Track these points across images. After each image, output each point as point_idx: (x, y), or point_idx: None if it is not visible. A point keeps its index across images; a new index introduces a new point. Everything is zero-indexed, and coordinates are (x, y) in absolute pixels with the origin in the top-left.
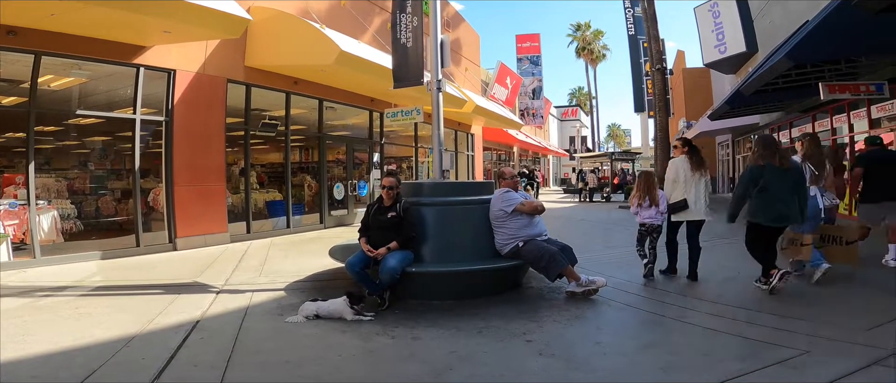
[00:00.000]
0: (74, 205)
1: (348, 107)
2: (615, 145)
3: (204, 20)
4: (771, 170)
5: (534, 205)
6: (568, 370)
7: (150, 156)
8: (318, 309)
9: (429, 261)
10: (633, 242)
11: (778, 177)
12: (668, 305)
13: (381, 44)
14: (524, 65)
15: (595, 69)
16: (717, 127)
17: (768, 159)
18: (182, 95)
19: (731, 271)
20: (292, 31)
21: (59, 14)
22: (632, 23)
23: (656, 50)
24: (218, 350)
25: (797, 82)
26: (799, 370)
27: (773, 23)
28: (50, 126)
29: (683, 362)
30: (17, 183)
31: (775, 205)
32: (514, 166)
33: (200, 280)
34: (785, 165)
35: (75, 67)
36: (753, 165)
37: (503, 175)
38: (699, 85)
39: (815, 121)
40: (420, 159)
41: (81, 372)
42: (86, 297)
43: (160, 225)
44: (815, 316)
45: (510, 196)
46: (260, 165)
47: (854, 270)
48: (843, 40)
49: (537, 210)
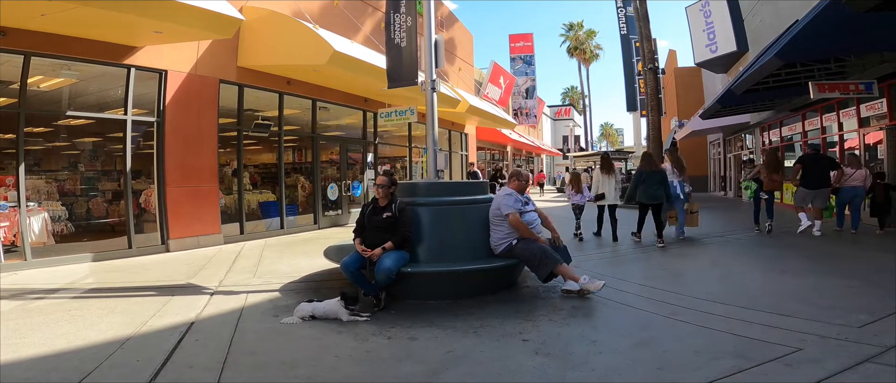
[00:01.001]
0: (65, 207)
1: (342, 107)
2: (608, 144)
3: (196, 20)
4: (647, 173)
5: (523, 229)
6: (564, 369)
7: (142, 157)
8: (314, 309)
9: (424, 261)
10: (629, 242)
11: (650, 176)
12: (663, 304)
13: (375, 44)
14: (517, 64)
15: (588, 68)
16: (708, 126)
17: (645, 167)
18: (174, 96)
19: (723, 269)
20: (285, 31)
21: (50, 14)
22: (624, 22)
23: (648, 49)
24: (213, 351)
25: (787, 81)
26: (793, 367)
27: (763, 22)
28: (40, 127)
29: (678, 360)
30: (7, 184)
31: (649, 191)
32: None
33: (194, 281)
34: (655, 169)
35: (65, 68)
36: (638, 170)
37: (519, 175)
38: (691, 84)
39: (805, 119)
40: (414, 159)
41: (76, 375)
42: (78, 300)
43: (152, 226)
44: (807, 313)
45: (508, 201)
46: (253, 166)
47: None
48: (833, 39)
49: (528, 235)
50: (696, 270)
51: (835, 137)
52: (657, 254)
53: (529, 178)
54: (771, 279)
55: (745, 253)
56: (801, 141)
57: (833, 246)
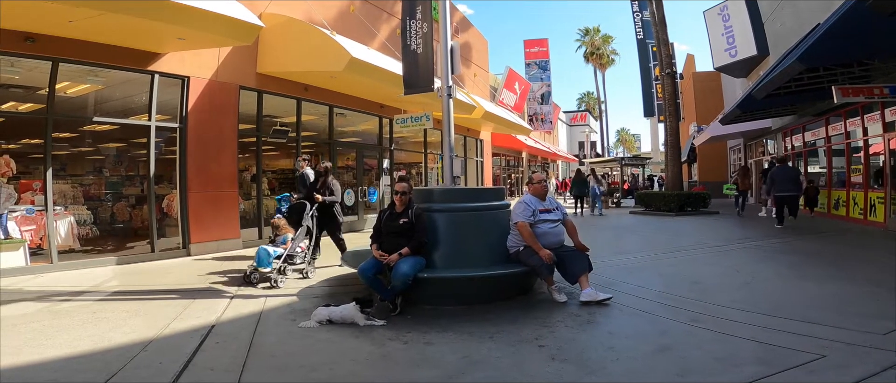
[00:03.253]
0: (90, 211)
1: (358, 113)
2: (625, 150)
3: (217, 27)
4: (578, 179)
5: (527, 239)
6: (581, 374)
7: (164, 162)
8: (331, 314)
9: (440, 267)
10: (646, 247)
11: (579, 181)
12: (682, 310)
13: (391, 50)
14: (532, 70)
15: (604, 74)
16: (728, 131)
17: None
18: (196, 102)
19: (746, 276)
20: (303, 38)
21: (77, 21)
22: (640, 27)
23: (665, 54)
24: (233, 354)
25: (810, 86)
26: (817, 374)
27: (784, 26)
28: (66, 132)
29: (698, 367)
30: (33, 189)
31: (574, 188)
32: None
33: (214, 285)
34: (582, 177)
35: (92, 74)
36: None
37: (531, 180)
38: (710, 89)
39: (829, 124)
40: (429, 165)
41: (101, 376)
42: (103, 302)
43: (174, 230)
44: (831, 320)
45: (518, 208)
46: (271, 172)
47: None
48: (856, 43)
49: (531, 245)
50: (717, 275)
51: (859, 142)
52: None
53: (544, 181)
54: (793, 285)
55: (768, 259)
56: (825, 146)
57: (856, 251)
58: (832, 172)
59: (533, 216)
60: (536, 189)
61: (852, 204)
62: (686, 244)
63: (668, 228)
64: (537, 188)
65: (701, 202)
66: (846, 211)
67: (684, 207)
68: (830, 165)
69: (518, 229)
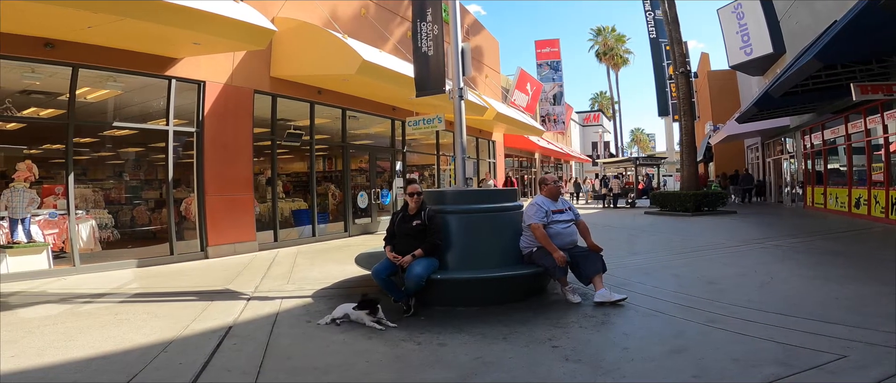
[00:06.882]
0: (111, 215)
1: (370, 115)
2: (639, 150)
3: (232, 32)
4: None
5: (541, 240)
6: (595, 375)
7: (182, 166)
8: (347, 310)
9: (453, 268)
10: (661, 248)
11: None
12: (698, 311)
13: (403, 53)
14: (544, 70)
15: (617, 73)
16: (745, 130)
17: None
18: (212, 106)
19: (764, 276)
20: (315, 42)
21: (96, 26)
22: (653, 26)
23: (679, 53)
24: (250, 355)
25: (828, 83)
26: (837, 374)
27: (799, 23)
28: (86, 137)
29: (715, 368)
30: (56, 193)
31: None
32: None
33: (231, 287)
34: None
35: (111, 80)
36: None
37: (545, 181)
38: (725, 87)
39: (849, 122)
40: (442, 167)
41: (123, 376)
42: (124, 304)
43: (192, 233)
44: (852, 320)
45: (530, 210)
46: (285, 175)
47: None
48: (874, 40)
49: (545, 245)
50: (735, 275)
51: (880, 140)
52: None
53: (556, 182)
54: (813, 285)
55: (787, 259)
56: (845, 144)
57: (877, 251)
58: (852, 170)
59: (546, 217)
60: (550, 190)
61: (874, 202)
62: (702, 244)
63: (684, 229)
64: (551, 189)
65: (718, 201)
66: (868, 209)
67: (701, 207)
68: (851, 163)
69: (532, 231)
